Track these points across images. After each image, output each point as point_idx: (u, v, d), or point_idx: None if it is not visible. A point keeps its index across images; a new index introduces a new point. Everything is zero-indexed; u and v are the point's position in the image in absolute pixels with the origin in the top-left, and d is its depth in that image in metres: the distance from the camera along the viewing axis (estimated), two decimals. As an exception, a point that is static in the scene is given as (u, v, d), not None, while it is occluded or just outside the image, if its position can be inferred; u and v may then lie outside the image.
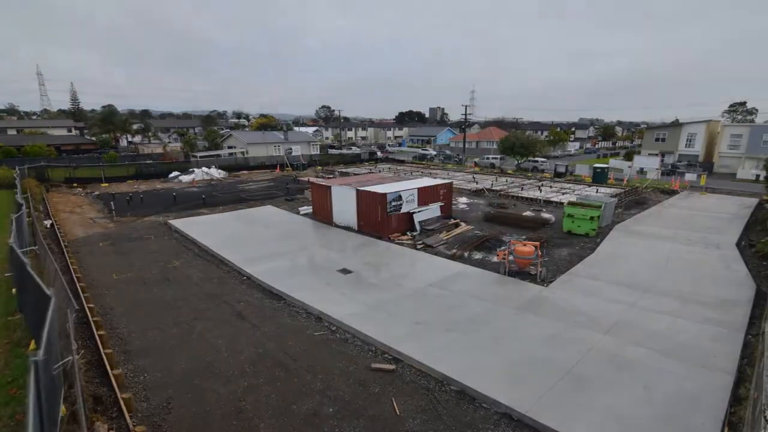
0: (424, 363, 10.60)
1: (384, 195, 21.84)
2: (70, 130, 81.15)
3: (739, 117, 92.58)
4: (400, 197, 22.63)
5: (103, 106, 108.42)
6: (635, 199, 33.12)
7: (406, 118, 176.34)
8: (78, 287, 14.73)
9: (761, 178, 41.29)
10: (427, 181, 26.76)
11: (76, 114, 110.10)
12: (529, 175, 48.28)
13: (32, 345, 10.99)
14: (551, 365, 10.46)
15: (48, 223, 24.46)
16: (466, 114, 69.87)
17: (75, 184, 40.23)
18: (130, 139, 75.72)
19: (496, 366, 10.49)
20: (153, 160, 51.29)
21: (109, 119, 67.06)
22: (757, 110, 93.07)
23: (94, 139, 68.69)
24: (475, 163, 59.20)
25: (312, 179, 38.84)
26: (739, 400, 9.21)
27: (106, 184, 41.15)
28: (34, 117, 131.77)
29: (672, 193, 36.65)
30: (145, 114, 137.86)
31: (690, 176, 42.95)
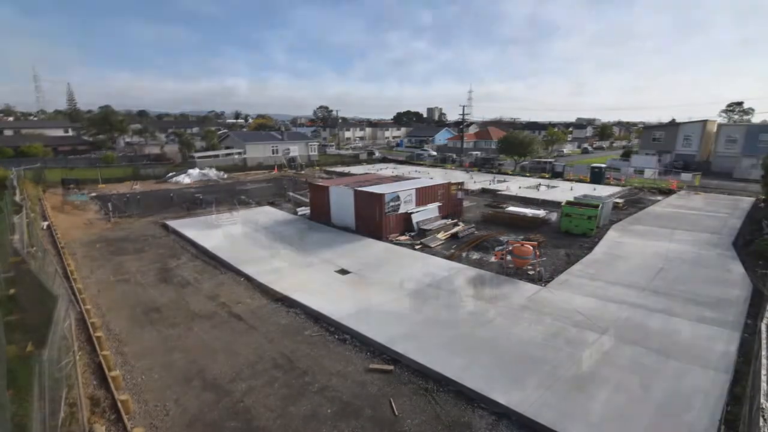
0: (423, 363, 10.62)
1: (382, 195, 21.84)
2: (66, 131, 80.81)
3: (736, 117, 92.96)
4: (398, 197, 22.64)
5: (101, 107, 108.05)
6: (633, 199, 33.22)
7: (404, 119, 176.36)
8: (75, 289, 14.69)
9: (758, 177, 41.44)
10: (425, 182, 26.77)
11: (72, 115, 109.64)
12: (528, 174, 48.39)
13: (29, 346, 10.95)
14: (549, 365, 10.49)
15: (44, 224, 24.36)
16: (463, 114, 69.90)
17: (72, 185, 40.10)
18: (127, 140, 75.37)
19: (494, 366, 10.52)
20: (150, 161, 51.15)
21: (108, 119, 66.81)
22: (753, 110, 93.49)
23: (91, 139, 68.41)
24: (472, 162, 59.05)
25: (310, 179, 38.83)
26: (735, 398, 9.28)
27: (103, 185, 41.03)
28: (31, 117, 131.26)
29: (669, 192, 36.81)
30: (143, 114, 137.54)
31: (686, 176, 43.13)
